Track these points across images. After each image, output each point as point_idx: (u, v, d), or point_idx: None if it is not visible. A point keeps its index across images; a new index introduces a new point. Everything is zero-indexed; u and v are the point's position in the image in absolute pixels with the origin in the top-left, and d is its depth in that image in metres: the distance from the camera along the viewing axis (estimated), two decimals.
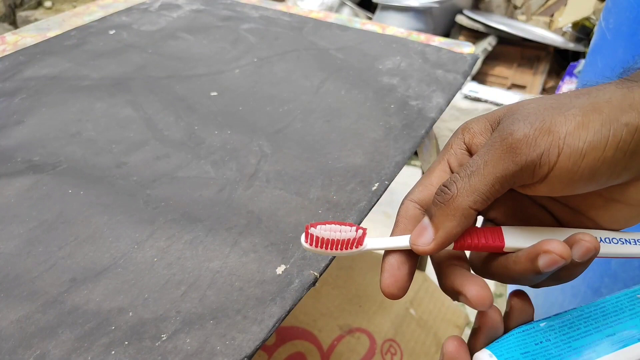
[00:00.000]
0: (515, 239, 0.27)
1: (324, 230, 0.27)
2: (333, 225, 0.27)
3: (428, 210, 0.26)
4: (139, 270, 0.39)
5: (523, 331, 0.27)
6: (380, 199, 0.47)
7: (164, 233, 0.42)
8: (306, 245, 0.28)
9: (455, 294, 0.26)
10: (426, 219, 0.26)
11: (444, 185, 0.25)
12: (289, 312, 0.36)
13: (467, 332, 1.20)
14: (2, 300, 0.37)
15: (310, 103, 0.59)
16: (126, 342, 0.34)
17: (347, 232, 0.28)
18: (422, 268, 0.93)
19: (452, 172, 0.29)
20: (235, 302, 0.37)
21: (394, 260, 0.28)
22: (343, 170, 0.49)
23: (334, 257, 0.28)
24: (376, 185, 0.47)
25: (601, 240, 0.27)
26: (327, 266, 0.40)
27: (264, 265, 0.40)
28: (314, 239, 0.27)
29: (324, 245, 0.28)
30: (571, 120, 0.23)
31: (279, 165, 0.50)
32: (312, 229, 0.27)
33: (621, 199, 0.26)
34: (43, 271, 0.39)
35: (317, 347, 0.72)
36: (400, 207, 0.30)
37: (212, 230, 0.42)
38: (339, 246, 0.28)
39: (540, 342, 0.26)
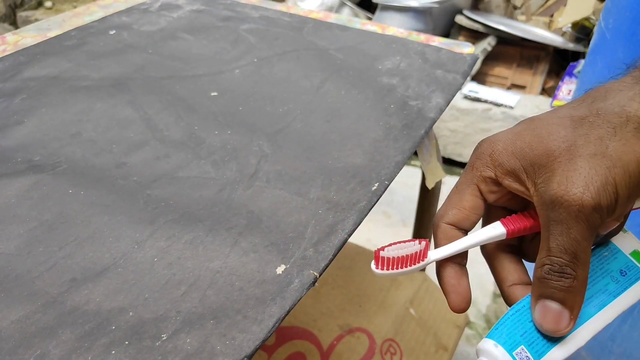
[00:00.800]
0: None
1: (392, 250, 0.29)
2: (398, 244, 0.30)
3: (549, 295, 0.27)
4: (139, 270, 0.39)
5: (516, 311, 0.29)
6: (380, 199, 0.47)
7: (164, 233, 0.42)
8: (378, 272, 0.30)
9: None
10: (555, 304, 0.27)
11: (556, 272, 0.27)
12: (288, 311, 0.37)
13: (467, 332, 1.20)
14: (3, 300, 0.37)
15: (310, 103, 0.59)
16: (126, 342, 0.34)
17: (412, 247, 0.29)
18: None
19: (483, 197, 0.31)
20: (235, 302, 0.37)
21: (452, 280, 0.30)
22: (343, 170, 0.49)
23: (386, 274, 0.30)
24: (376, 185, 0.47)
25: None
26: (326, 266, 0.40)
27: (264, 265, 0.40)
28: (385, 261, 0.29)
29: (393, 266, 0.29)
30: (614, 172, 0.26)
31: (279, 165, 0.50)
32: (382, 252, 0.29)
33: None
34: (43, 271, 0.39)
35: (317, 347, 0.72)
36: (436, 230, 0.32)
37: (212, 230, 0.43)
38: (407, 263, 0.29)
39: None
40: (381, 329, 0.75)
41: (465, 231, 0.32)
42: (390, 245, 0.30)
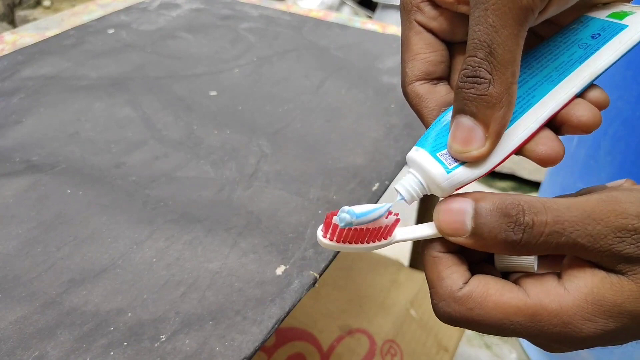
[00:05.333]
0: None
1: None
2: (361, 207, 0.23)
3: (461, 109, 0.22)
4: (138, 270, 0.39)
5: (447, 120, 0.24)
6: (381, 199, 0.47)
7: (163, 233, 0.42)
8: (325, 241, 0.23)
9: None
10: (466, 119, 0.22)
11: (469, 76, 0.21)
12: (288, 312, 0.36)
13: (468, 333, 1.20)
14: (1, 301, 0.36)
15: (310, 102, 0.59)
16: (125, 343, 0.34)
17: (378, 218, 0.23)
18: (423, 268, 0.93)
19: (427, 30, 0.26)
20: (234, 303, 0.36)
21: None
22: (343, 170, 0.49)
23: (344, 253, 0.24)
24: (376, 185, 0.47)
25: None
26: (326, 267, 0.40)
27: (264, 265, 0.39)
28: (337, 231, 0.23)
29: (347, 239, 0.23)
30: None
31: (279, 165, 0.50)
32: (336, 217, 0.22)
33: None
34: (42, 272, 0.39)
35: (317, 348, 0.72)
36: (407, 98, 0.26)
37: (212, 231, 0.42)
38: (366, 238, 0.23)
39: None
40: (381, 330, 0.75)
41: (443, 79, 0.26)
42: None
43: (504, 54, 0.21)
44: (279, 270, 0.39)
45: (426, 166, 0.23)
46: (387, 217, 0.23)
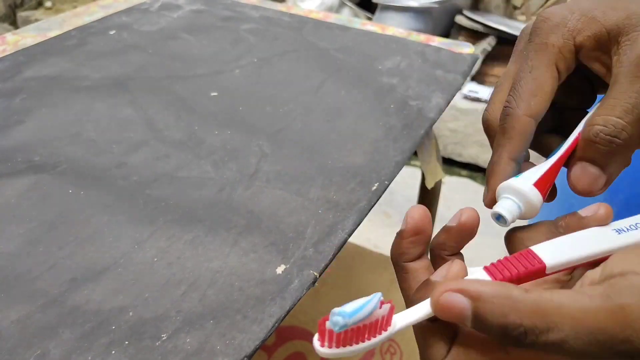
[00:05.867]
0: (552, 256, 0.24)
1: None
2: (350, 305, 0.22)
3: (591, 158, 0.26)
4: (139, 270, 0.39)
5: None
6: (380, 198, 0.47)
7: (164, 233, 0.42)
8: (324, 350, 0.22)
9: None
10: (594, 169, 0.26)
11: (609, 134, 0.25)
12: (288, 311, 0.37)
13: None
14: (3, 300, 0.37)
15: (310, 103, 0.59)
16: (126, 342, 0.34)
17: (371, 311, 0.22)
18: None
19: (559, 74, 0.28)
20: (235, 302, 0.37)
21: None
22: (343, 170, 0.49)
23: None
24: (376, 185, 0.47)
25: None
26: (326, 266, 0.40)
27: (264, 265, 0.40)
28: (334, 336, 0.21)
29: (346, 341, 0.22)
30: None
31: (279, 165, 0.50)
32: (328, 322, 0.21)
33: None
34: (43, 271, 0.39)
35: None
36: (513, 121, 0.27)
37: (212, 230, 0.43)
38: (365, 335, 0.22)
39: None
40: None
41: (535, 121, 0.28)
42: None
43: None
44: (279, 270, 0.39)
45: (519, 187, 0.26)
46: (380, 308, 0.22)
